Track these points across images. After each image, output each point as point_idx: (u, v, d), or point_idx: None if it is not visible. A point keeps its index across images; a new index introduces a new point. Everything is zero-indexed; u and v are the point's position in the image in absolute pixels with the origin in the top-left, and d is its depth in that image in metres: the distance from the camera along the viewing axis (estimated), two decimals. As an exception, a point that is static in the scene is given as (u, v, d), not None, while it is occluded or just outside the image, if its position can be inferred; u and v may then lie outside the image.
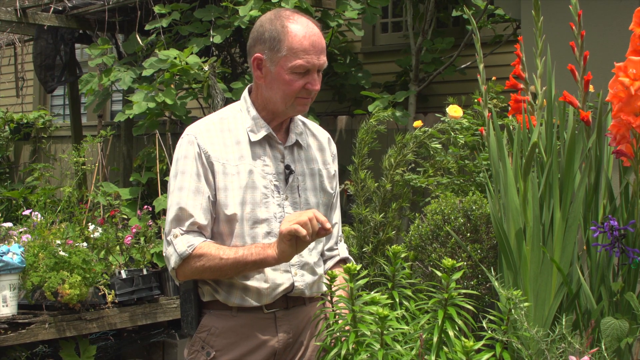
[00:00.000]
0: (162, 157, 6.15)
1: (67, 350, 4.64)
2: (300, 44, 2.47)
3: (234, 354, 2.60)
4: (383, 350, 2.01)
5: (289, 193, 2.60)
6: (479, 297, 3.25)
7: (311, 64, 2.48)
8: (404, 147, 4.40)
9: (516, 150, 2.70)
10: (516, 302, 2.14)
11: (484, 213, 3.40)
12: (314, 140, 2.75)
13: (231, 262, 2.46)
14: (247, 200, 2.53)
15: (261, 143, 2.59)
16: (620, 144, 2.42)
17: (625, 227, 2.34)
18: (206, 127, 2.60)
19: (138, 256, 5.10)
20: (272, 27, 2.50)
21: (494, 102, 4.61)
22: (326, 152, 2.76)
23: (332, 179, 2.75)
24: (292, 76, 2.49)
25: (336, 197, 2.80)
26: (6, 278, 4.20)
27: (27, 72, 10.11)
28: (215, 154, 2.54)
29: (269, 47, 2.50)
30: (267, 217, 2.56)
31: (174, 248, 2.50)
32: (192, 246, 2.48)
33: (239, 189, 2.53)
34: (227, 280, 2.53)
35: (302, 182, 2.64)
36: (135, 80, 6.09)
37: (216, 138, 2.57)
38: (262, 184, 2.55)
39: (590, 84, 2.79)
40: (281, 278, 2.56)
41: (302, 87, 2.50)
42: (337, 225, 2.80)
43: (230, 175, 2.53)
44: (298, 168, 2.64)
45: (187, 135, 2.59)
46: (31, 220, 5.07)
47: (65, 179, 7.63)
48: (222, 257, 2.46)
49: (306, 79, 2.50)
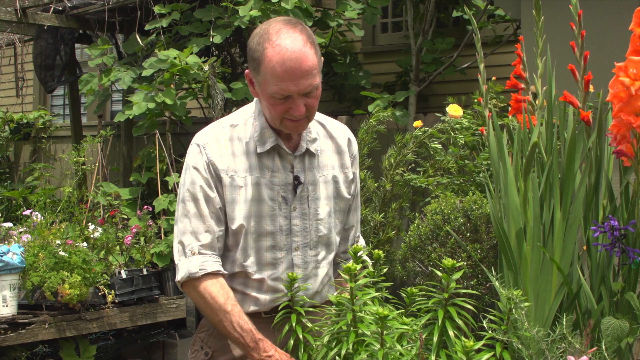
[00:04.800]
0: (162, 157, 6.15)
1: (67, 350, 4.65)
2: (273, 71, 2.33)
3: (229, 355, 2.60)
4: (383, 350, 2.01)
5: (298, 204, 2.55)
6: (479, 296, 3.25)
7: (287, 91, 2.34)
8: (403, 147, 4.40)
9: (516, 150, 2.70)
10: (516, 302, 2.14)
11: (484, 213, 3.40)
12: (331, 143, 2.66)
13: (221, 327, 2.46)
14: (253, 213, 2.49)
15: (270, 153, 2.53)
16: (620, 144, 2.42)
17: (626, 227, 2.34)
18: (215, 137, 2.54)
19: (138, 256, 5.10)
20: (256, 46, 2.39)
21: (494, 102, 4.60)
22: (345, 155, 2.67)
23: (350, 183, 2.67)
24: (273, 100, 2.39)
25: (355, 199, 2.73)
26: (6, 278, 4.20)
27: (27, 72, 10.11)
28: (224, 165, 2.49)
29: (252, 67, 2.42)
30: (272, 230, 2.52)
31: (187, 264, 2.48)
32: (204, 270, 2.46)
33: (245, 202, 2.49)
34: (227, 283, 2.52)
35: (313, 192, 2.57)
36: (135, 80, 6.09)
37: (225, 148, 2.52)
38: (269, 197, 2.51)
39: (590, 84, 2.79)
40: (282, 289, 2.53)
41: (285, 111, 2.39)
42: (354, 228, 2.76)
43: (237, 188, 2.49)
44: (309, 177, 2.57)
45: (196, 145, 2.55)
46: (31, 220, 5.07)
47: (65, 179, 7.64)
48: (217, 314, 2.45)
49: (288, 104, 2.38)
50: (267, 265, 2.53)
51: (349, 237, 2.75)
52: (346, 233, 2.75)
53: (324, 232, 2.59)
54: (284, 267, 2.55)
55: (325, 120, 2.70)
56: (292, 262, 2.55)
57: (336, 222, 2.65)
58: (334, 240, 2.65)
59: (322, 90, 2.46)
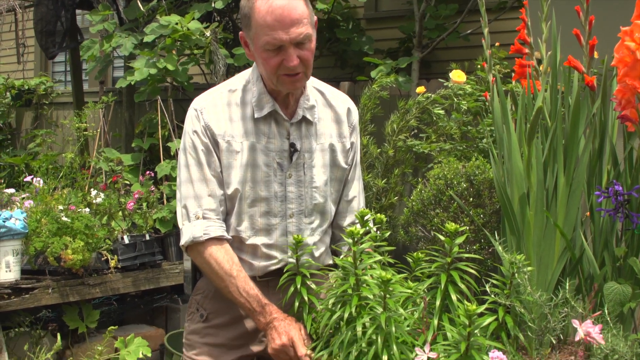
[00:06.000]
0: (164, 123, 6.14)
1: (70, 315, 4.67)
2: (264, 21, 2.33)
3: (225, 318, 2.63)
4: (386, 313, 2.02)
5: (294, 171, 2.56)
6: (481, 261, 3.25)
7: (278, 40, 2.34)
8: (406, 113, 4.38)
9: (520, 115, 2.69)
10: (519, 266, 2.14)
11: (487, 178, 3.39)
12: (330, 111, 2.67)
13: (227, 292, 2.48)
14: (248, 178, 2.51)
15: (266, 119, 2.54)
16: (625, 109, 2.41)
17: (630, 192, 2.34)
18: (213, 102, 2.56)
19: (140, 222, 5.11)
20: (246, 2, 2.40)
21: (497, 68, 4.58)
22: (343, 124, 2.68)
23: (347, 152, 2.68)
24: (266, 54, 2.38)
25: (353, 169, 2.73)
26: (9, 243, 4.21)
27: (27, 39, 10.07)
28: (220, 130, 2.51)
29: (244, 25, 2.43)
30: (266, 196, 2.53)
31: (191, 228, 2.50)
32: (207, 235, 2.48)
33: (241, 167, 2.50)
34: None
35: (309, 160, 2.58)
36: (137, 46, 6.06)
37: (222, 113, 2.53)
38: (265, 162, 2.52)
39: (595, 50, 2.77)
40: (276, 256, 2.56)
41: (279, 65, 2.39)
42: (356, 198, 2.75)
43: (234, 153, 2.50)
44: (305, 145, 2.58)
45: (194, 110, 2.56)
46: (33, 186, 5.07)
47: (67, 145, 7.63)
48: (223, 279, 2.47)
49: (281, 55, 2.37)
50: (260, 231, 2.55)
51: (353, 208, 2.75)
52: (349, 205, 2.75)
53: (319, 200, 2.59)
54: (278, 234, 2.56)
55: (325, 89, 2.70)
56: (287, 229, 2.56)
57: (332, 191, 2.65)
58: (329, 209, 2.66)
59: (324, 57, 2.44)
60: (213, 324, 2.65)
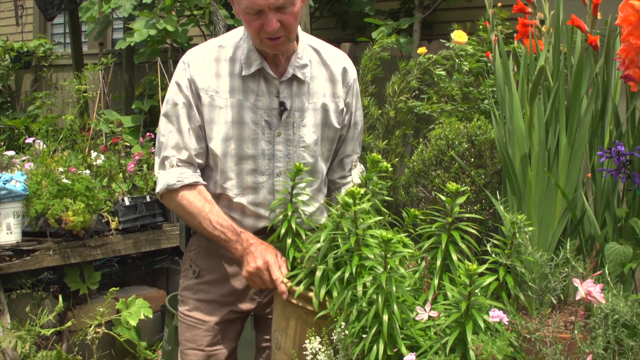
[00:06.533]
0: (164, 85, 6.11)
1: (72, 276, 4.68)
2: None
3: (216, 274, 2.66)
4: (386, 273, 2.01)
5: (283, 130, 2.55)
6: (482, 221, 3.25)
7: (256, 5, 2.33)
8: (407, 74, 4.36)
9: (522, 76, 2.67)
10: (520, 226, 2.13)
11: (489, 138, 3.38)
12: (325, 70, 2.65)
13: (201, 229, 2.50)
14: (234, 135, 2.50)
15: (255, 76, 2.53)
16: (628, 69, 2.38)
17: (632, 153, 2.33)
18: (201, 56, 2.56)
19: (141, 183, 5.10)
20: None
21: (500, 29, 4.54)
22: (338, 84, 2.66)
23: (340, 113, 2.66)
24: (247, 17, 2.38)
25: (348, 129, 2.73)
26: (10, 205, 4.21)
27: (26, 1, 9.99)
28: (204, 85, 2.51)
29: None
30: (253, 154, 2.53)
31: (165, 176, 2.52)
32: (181, 182, 2.49)
33: (225, 124, 2.50)
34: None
35: (300, 119, 2.57)
36: (136, 7, 6.02)
37: (209, 68, 2.53)
38: (252, 120, 2.51)
39: (598, 10, 2.74)
40: (264, 215, 2.57)
41: (260, 28, 2.38)
42: (350, 156, 2.76)
43: (217, 109, 2.50)
44: (296, 103, 2.56)
45: (182, 62, 2.58)
46: (34, 148, 5.06)
47: (67, 107, 7.60)
48: (196, 217, 2.49)
49: (262, 19, 2.37)
50: (248, 189, 2.55)
51: (346, 163, 2.76)
52: (342, 161, 2.75)
53: (308, 159, 2.59)
54: (265, 192, 2.56)
55: (321, 47, 2.68)
56: (274, 187, 2.57)
57: (323, 150, 2.65)
58: (320, 168, 2.65)
59: (324, 17, 2.43)
60: (205, 280, 2.67)
